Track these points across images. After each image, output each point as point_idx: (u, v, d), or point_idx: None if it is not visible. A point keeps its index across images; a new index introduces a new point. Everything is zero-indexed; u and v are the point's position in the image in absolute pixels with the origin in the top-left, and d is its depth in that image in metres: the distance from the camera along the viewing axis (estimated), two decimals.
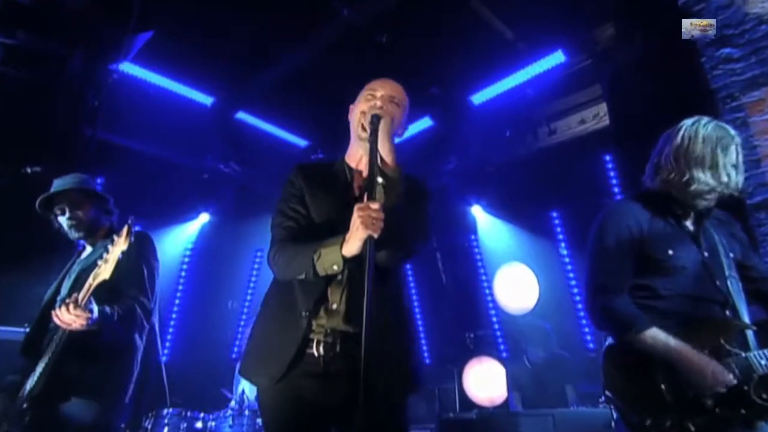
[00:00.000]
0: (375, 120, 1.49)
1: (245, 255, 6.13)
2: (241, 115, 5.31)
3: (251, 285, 6.16)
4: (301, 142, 5.84)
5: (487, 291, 5.58)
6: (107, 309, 2.00)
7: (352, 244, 1.38)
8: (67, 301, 1.89)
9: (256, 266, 6.23)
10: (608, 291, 1.71)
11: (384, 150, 1.47)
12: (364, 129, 1.56)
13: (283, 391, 1.45)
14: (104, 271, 1.90)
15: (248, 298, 6.06)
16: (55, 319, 1.92)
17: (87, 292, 1.90)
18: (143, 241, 2.23)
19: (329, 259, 1.42)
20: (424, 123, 5.34)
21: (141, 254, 2.19)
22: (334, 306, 1.49)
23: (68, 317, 1.88)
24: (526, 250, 5.22)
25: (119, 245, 1.90)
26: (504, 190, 5.37)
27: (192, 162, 5.48)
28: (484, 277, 5.64)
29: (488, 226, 5.62)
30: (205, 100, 4.96)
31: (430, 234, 1.64)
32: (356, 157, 1.68)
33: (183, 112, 4.88)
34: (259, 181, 5.89)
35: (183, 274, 5.60)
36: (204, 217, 5.73)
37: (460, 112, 5.11)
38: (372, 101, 1.64)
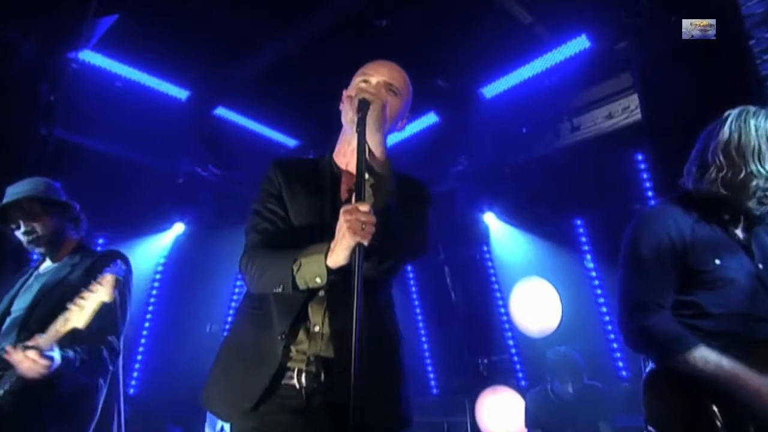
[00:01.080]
0: (363, 106, 1.44)
1: (226, 271, 6.15)
2: (221, 111, 5.31)
3: (233, 305, 6.16)
4: (290, 142, 5.86)
5: (502, 310, 5.57)
6: (70, 354, 1.97)
7: (339, 253, 1.33)
8: (29, 345, 1.85)
9: (238, 284, 6.23)
10: (646, 309, 1.69)
11: (372, 141, 1.41)
12: (353, 119, 1.49)
13: (255, 429, 1.40)
14: (77, 318, 1.87)
15: (229, 319, 6.09)
16: (7, 357, 1.89)
17: (52, 339, 1.87)
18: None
19: (311, 271, 1.37)
20: (429, 119, 5.33)
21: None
22: (317, 328, 1.46)
23: (26, 365, 1.85)
24: (547, 263, 5.23)
25: (100, 294, 1.86)
26: (520, 195, 5.39)
27: (164, 165, 5.51)
28: (498, 294, 5.63)
29: (503, 236, 5.62)
30: (180, 93, 4.96)
31: (428, 242, 1.60)
32: (345, 152, 1.65)
33: (154, 108, 4.88)
34: (241, 187, 5.92)
35: (154, 293, 5.58)
36: (178, 228, 5.73)
37: (470, 107, 5.12)
38: (363, 86, 1.59)
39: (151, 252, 5.63)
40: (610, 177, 4.65)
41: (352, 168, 1.54)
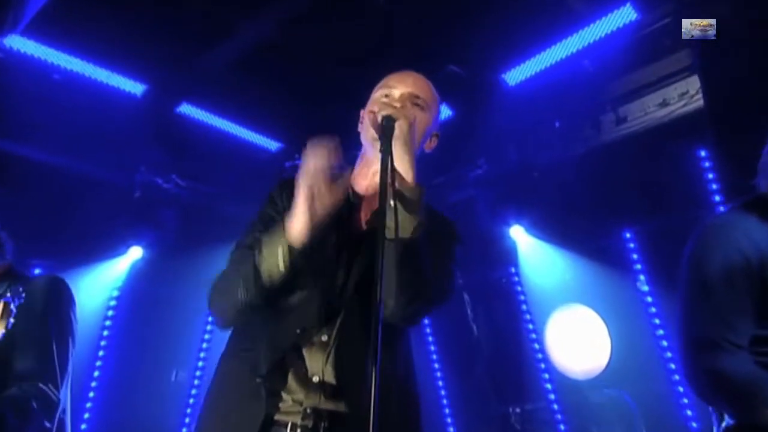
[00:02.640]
0: (388, 122, 1.52)
1: (194, 306, 6.00)
2: (186, 109, 5.30)
3: (204, 346, 6.11)
4: (271, 145, 5.87)
5: (536, 346, 5.53)
6: None
7: (297, 218, 1.47)
8: None
9: (210, 318, 6.20)
10: (716, 347, 1.65)
11: (400, 163, 1.51)
12: (375, 137, 1.59)
13: None
14: None
15: (200, 365, 6.00)
16: None
17: None
18: (52, 291, 2.20)
19: (270, 253, 1.49)
20: (441, 112, 5.29)
21: (48, 312, 2.14)
22: (315, 378, 1.53)
23: None
24: (589, 287, 5.19)
25: None
26: (554, 204, 5.36)
27: (117, 176, 5.51)
28: (530, 327, 5.60)
29: (534, 254, 5.59)
30: (134, 88, 4.95)
31: (453, 288, 1.74)
32: (366, 175, 1.76)
33: (102, 106, 4.86)
34: (213, 201, 5.91)
35: (105, 334, 5.50)
36: (135, 253, 5.69)
37: (490, 97, 5.10)
38: (386, 100, 1.71)
39: (101, 283, 5.57)
40: (666, 178, 4.62)
41: (373, 193, 1.67)
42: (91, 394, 5.35)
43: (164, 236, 5.80)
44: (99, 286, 5.55)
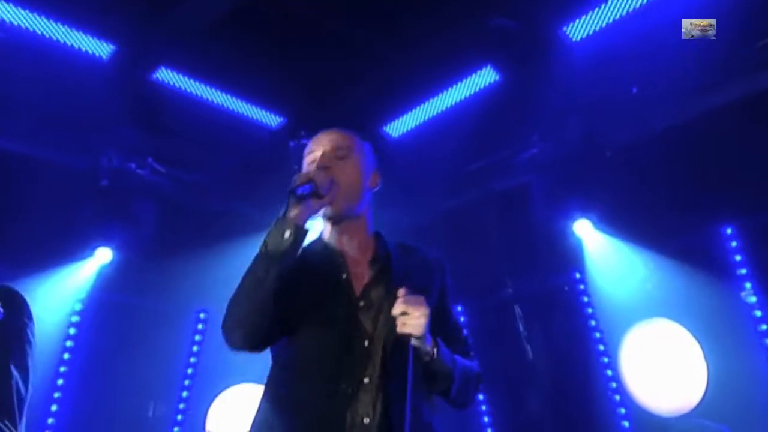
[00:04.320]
0: (300, 190, 2.04)
1: (177, 321, 6.10)
2: (164, 75, 5.18)
3: (189, 372, 6.09)
4: (272, 120, 5.77)
5: (608, 373, 5.47)
6: None
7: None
8: None
9: (197, 338, 6.19)
10: None
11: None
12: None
13: None
14: None
15: (184, 395, 5.98)
16: None
17: None
18: (6, 306, 2.18)
19: (276, 232, 1.99)
20: (484, 78, 5.24)
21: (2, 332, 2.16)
22: (366, 420, 2.00)
23: None
24: (678, 297, 5.12)
25: None
26: (631, 192, 5.30)
27: (79, 160, 5.44)
28: (601, 348, 5.54)
29: (605, 256, 5.52)
30: (100, 49, 4.83)
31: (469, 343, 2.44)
32: (335, 237, 2.31)
33: (60, 72, 4.77)
34: (199, 191, 5.93)
35: (66, 357, 5.46)
36: (103, 256, 5.61)
37: (548, 57, 5.00)
38: (310, 164, 2.26)
39: (60, 294, 5.50)
40: None
41: (353, 250, 2.26)
42: None
43: (138, 235, 5.71)
44: (57, 297, 5.47)
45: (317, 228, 2.30)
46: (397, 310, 1.95)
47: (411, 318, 1.93)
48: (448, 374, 2.07)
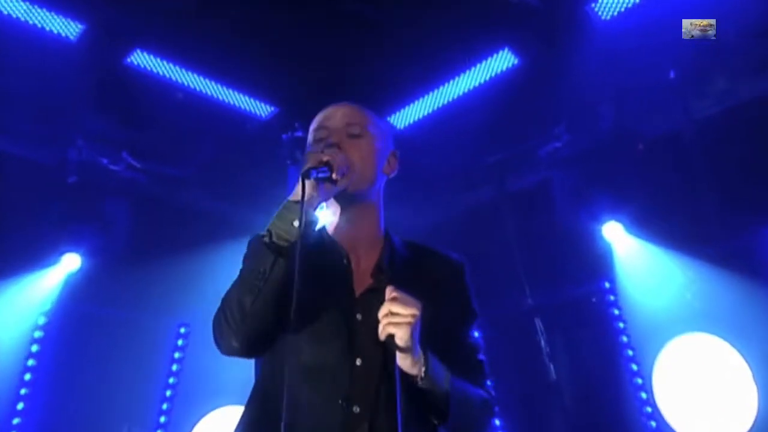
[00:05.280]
0: (315, 174, 1.93)
1: (154, 334, 6.15)
2: (139, 58, 5.15)
3: (168, 394, 6.12)
4: (262, 110, 5.74)
5: (643, 396, 5.43)
6: None
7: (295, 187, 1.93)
8: None
9: (177, 355, 6.24)
10: None
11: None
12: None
13: None
14: None
15: (162, 420, 6.03)
16: None
17: None
18: None
19: (283, 218, 1.95)
20: (501, 61, 5.21)
21: None
22: None
23: None
24: (722, 309, 5.08)
25: None
26: (669, 190, 5.35)
27: (43, 154, 5.50)
28: (634, 367, 5.49)
29: (638, 262, 5.52)
30: (68, 29, 4.79)
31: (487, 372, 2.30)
32: (342, 227, 2.24)
33: (22, 54, 4.76)
34: (180, 189, 6.01)
35: (27, 377, 5.44)
36: (71, 262, 5.62)
37: (572, 37, 4.96)
38: (318, 142, 2.19)
39: (22, 306, 5.50)
40: None
41: (362, 244, 2.20)
42: None
43: (111, 239, 5.71)
44: (17, 311, 5.47)
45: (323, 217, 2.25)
46: (382, 311, 1.86)
47: (396, 318, 1.84)
48: (440, 395, 1.96)
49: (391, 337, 1.87)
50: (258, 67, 5.37)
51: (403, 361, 1.89)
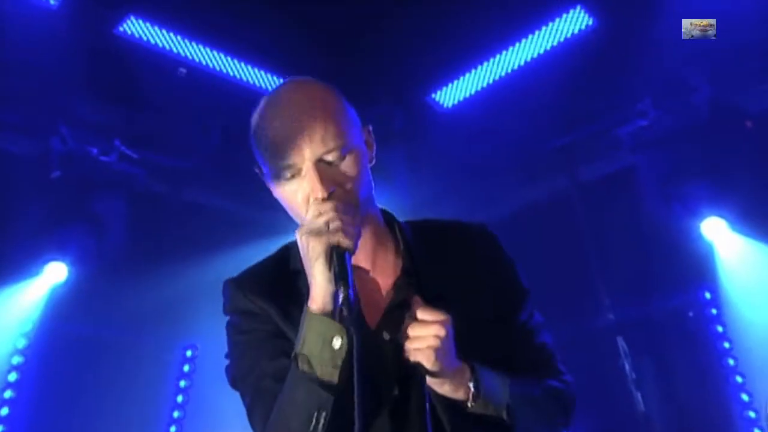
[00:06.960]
0: (339, 260, 1.81)
1: (156, 359, 6.23)
2: (133, 27, 5.18)
3: (172, 430, 6.23)
4: (276, 85, 5.74)
5: None
6: None
7: (315, 290, 1.85)
8: None
9: (183, 383, 6.39)
10: None
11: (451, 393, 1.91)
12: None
13: None
14: None
15: None
16: None
17: None
18: None
19: (317, 335, 1.82)
20: (572, 22, 5.29)
21: None
22: None
23: None
24: None
25: None
26: None
27: (22, 144, 5.57)
28: (745, 398, 5.50)
29: (746, 268, 5.57)
30: None
31: (557, 356, 2.24)
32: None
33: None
34: (182, 184, 6.14)
35: (5, 412, 5.46)
36: (56, 272, 5.65)
37: None
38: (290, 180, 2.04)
39: (1, 324, 5.57)
40: None
41: (364, 258, 2.10)
42: None
43: (102, 245, 5.79)
44: None
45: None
46: (411, 333, 1.84)
47: (416, 343, 1.81)
48: (499, 412, 1.91)
49: (419, 364, 1.85)
50: (271, 36, 5.44)
51: (440, 387, 1.86)
